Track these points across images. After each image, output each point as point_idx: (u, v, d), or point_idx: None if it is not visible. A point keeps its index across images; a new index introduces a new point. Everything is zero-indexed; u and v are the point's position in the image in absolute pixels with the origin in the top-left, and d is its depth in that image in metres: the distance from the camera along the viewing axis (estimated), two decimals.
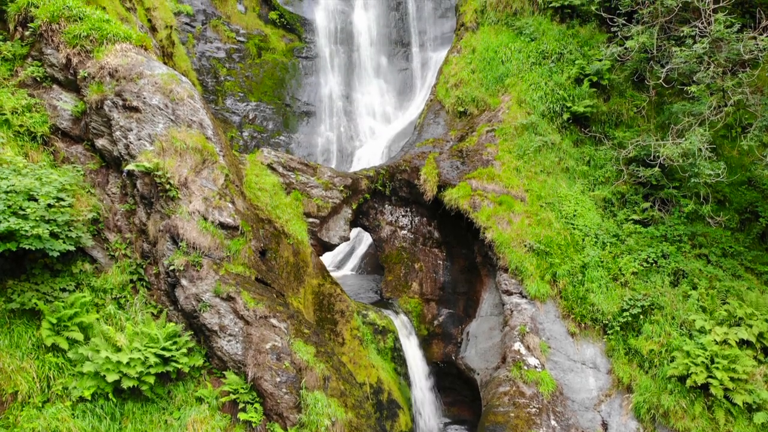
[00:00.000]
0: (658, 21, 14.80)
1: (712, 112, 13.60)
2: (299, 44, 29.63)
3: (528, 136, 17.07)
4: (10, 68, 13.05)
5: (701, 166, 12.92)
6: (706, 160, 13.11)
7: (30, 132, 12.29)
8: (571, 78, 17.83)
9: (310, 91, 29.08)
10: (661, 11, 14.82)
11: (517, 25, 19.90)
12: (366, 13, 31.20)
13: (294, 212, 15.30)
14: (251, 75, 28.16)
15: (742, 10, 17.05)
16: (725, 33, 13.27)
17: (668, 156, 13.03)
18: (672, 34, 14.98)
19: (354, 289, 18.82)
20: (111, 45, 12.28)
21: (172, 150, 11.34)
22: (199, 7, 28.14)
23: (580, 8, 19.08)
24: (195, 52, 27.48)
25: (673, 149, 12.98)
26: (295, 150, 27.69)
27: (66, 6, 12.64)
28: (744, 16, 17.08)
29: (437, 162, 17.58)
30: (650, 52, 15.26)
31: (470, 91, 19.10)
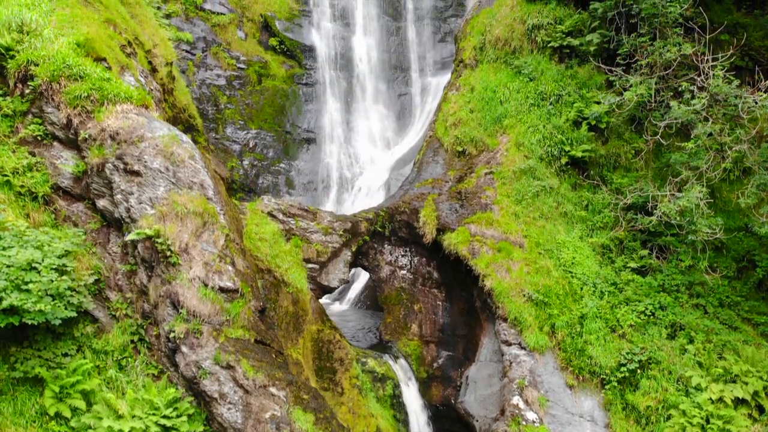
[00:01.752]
0: (656, 73, 14.91)
1: (710, 167, 13.70)
2: (299, 71, 29.76)
3: (526, 181, 17.16)
4: (11, 124, 13.15)
5: (699, 224, 13.02)
6: (703, 216, 13.21)
7: (31, 192, 12.38)
8: (569, 120, 17.93)
9: (311, 118, 29.20)
10: (659, 63, 14.93)
11: (515, 64, 20.00)
12: (366, 38, 31.34)
13: (294, 259, 15.39)
14: (251, 102, 28.27)
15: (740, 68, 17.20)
16: (724, 89, 13.38)
17: (665, 213, 13.12)
18: (670, 84, 15.09)
19: (353, 329, 18.92)
20: (112, 106, 12.39)
21: (173, 215, 11.44)
22: (199, 35, 28.26)
23: (578, 48, 19.16)
24: (195, 79, 27.61)
25: (671, 206, 13.09)
26: (295, 177, 27.81)
27: (66, 64, 12.74)
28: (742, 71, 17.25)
29: (436, 204, 17.67)
30: (649, 103, 15.36)
31: (469, 131, 19.20)
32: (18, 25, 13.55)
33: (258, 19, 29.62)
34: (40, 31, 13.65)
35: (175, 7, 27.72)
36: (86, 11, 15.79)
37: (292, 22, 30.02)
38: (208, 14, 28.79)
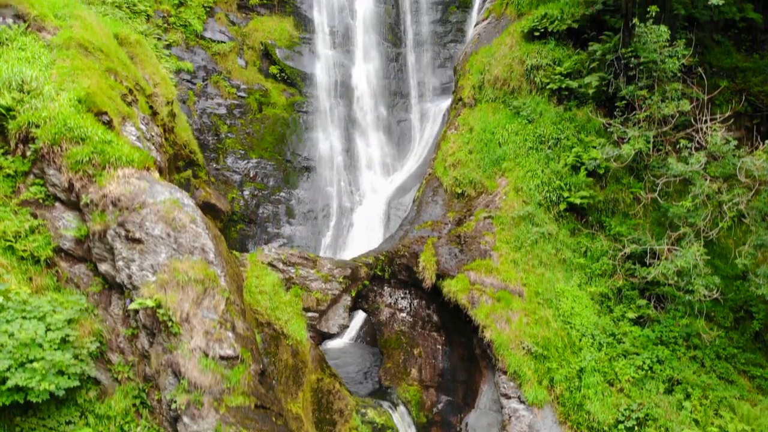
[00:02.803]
0: (654, 127, 15.00)
1: (707, 224, 13.79)
2: (300, 98, 29.85)
3: (525, 227, 17.26)
4: (12, 185, 13.24)
5: (696, 284, 13.11)
6: (701, 275, 13.29)
7: (33, 256, 12.47)
8: (567, 165, 18.04)
9: (311, 146, 29.29)
10: (657, 116, 15.02)
11: (514, 105, 20.12)
12: (366, 65, 31.43)
13: (293, 310, 15.48)
14: (252, 131, 28.37)
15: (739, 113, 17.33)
16: (722, 149, 13.47)
17: (662, 273, 13.21)
18: (669, 138, 15.19)
19: (353, 371, 19.00)
20: (113, 170, 12.48)
21: (174, 283, 11.53)
22: (199, 64, 28.35)
23: (577, 90, 19.28)
24: (196, 109, 27.71)
25: (669, 266, 13.18)
26: (295, 206, 27.89)
27: (67, 127, 12.84)
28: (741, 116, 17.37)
29: (436, 248, 17.76)
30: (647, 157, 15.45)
31: (468, 172, 19.30)
32: (18, 84, 13.64)
33: (258, 47, 29.71)
34: (40, 89, 13.74)
35: (176, 36, 27.80)
36: (86, 61, 15.88)
37: (292, 50, 30.12)
38: (209, 42, 28.87)
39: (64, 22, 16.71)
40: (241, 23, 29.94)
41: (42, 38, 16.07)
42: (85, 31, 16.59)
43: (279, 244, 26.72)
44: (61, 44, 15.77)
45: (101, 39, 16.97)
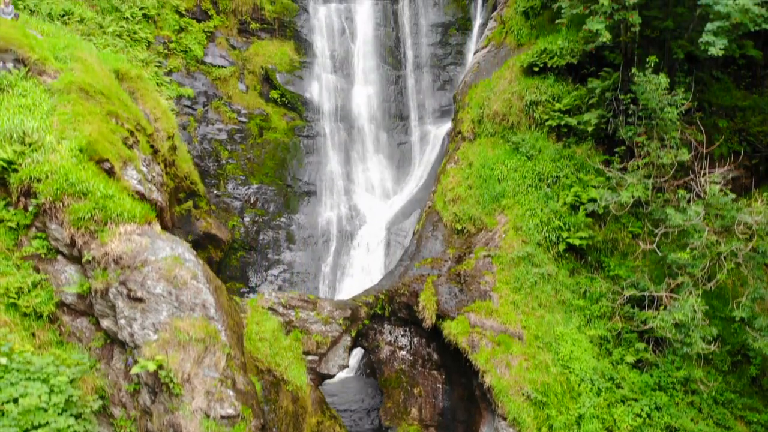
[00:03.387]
0: (653, 175, 15.08)
1: (705, 273, 13.86)
2: (300, 123, 29.93)
3: (525, 267, 17.34)
4: (15, 237, 13.33)
5: (694, 337, 13.19)
6: (698, 327, 13.37)
7: (36, 312, 12.56)
8: (567, 204, 18.12)
9: (311, 171, 29.37)
10: (655, 164, 15.11)
11: (513, 140, 20.20)
12: (366, 89, 31.51)
13: (293, 355, 15.57)
14: (253, 156, 28.46)
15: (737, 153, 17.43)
16: (720, 200, 13.55)
17: (660, 327, 13.29)
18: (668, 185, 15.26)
19: (352, 408, 19.07)
20: (115, 226, 12.57)
21: (175, 342, 11.61)
22: (200, 89, 28.44)
23: (576, 127, 19.34)
24: (197, 135, 27.79)
25: (666, 318, 13.25)
26: (295, 232, 27.97)
27: (69, 182, 12.92)
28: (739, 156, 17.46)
29: (436, 287, 17.84)
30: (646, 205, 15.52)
31: (467, 208, 19.40)
32: (20, 136, 13.73)
33: (259, 71, 29.79)
34: (41, 141, 13.81)
35: (176, 62, 27.88)
36: (88, 106, 15.97)
37: (292, 74, 30.21)
38: (209, 68, 28.95)
39: (65, 64, 16.81)
40: (242, 47, 30.02)
41: (43, 82, 16.17)
42: (86, 74, 16.68)
43: (279, 270, 26.80)
44: (62, 89, 15.86)
45: (102, 81, 17.06)
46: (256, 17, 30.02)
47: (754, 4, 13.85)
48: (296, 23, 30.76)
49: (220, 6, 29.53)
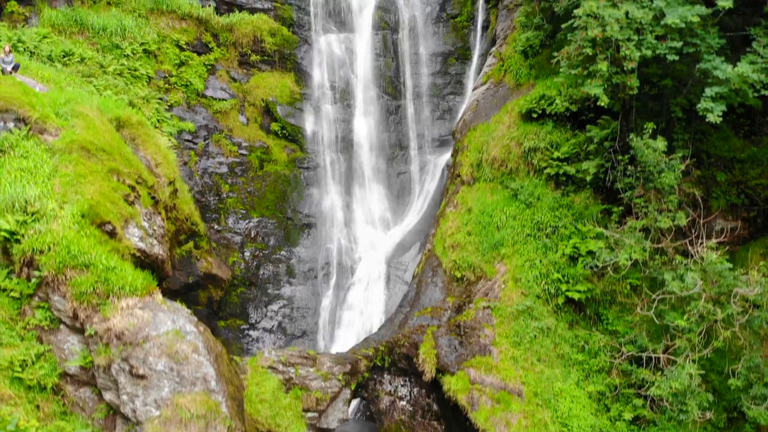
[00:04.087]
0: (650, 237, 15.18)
1: (702, 339, 13.96)
2: (301, 154, 30.04)
3: (524, 321, 17.44)
4: (18, 307, 13.45)
5: (690, 405, 13.28)
6: (695, 395, 13.46)
7: (40, 384, 12.66)
8: (565, 255, 18.22)
9: (311, 203, 29.48)
10: (653, 227, 15.20)
11: (512, 187, 20.30)
12: (366, 119, 31.61)
13: (293, 413, 15.67)
14: (253, 190, 28.56)
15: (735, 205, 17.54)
16: (717, 268, 13.65)
17: (658, 395, 13.39)
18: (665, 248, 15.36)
19: None
20: (117, 300, 12.69)
21: (176, 420, 11.71)
22: (201, 123, 28.54)
23: (575, 176, 19.43)
24: (197, 169, 27.89)
25: (663, 387, 13.34)
26: (295, 265, 28.05)
27: (71, 254, 13.03)
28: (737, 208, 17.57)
29: (435, 338, 17.93)
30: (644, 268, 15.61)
31: (466, 256, 19.51)
32: (22, 205, 13.84)
33: (260, 103, 29.89)
34: (43, 210, 13.92)
35: (177, 96, 27.98)
36: (89, 164, 16.11)
37: (293, 107, 30.31)
38: (210, 101, 29.06)
39: (66, 121, 16.93)
40: (243, 80, 30.13)
41: (44, 141, 16.30)
42: (87, 132, 16.81)
43: (279, 305, 26.90)
44: (63, 148, 16.01)
45: (103, 137, 17.19)
46: (257, 49, 30.11)
47: (753, 71, 13.96)
48: (296, 55, 30.87)
49: (221, 39, 29.64)
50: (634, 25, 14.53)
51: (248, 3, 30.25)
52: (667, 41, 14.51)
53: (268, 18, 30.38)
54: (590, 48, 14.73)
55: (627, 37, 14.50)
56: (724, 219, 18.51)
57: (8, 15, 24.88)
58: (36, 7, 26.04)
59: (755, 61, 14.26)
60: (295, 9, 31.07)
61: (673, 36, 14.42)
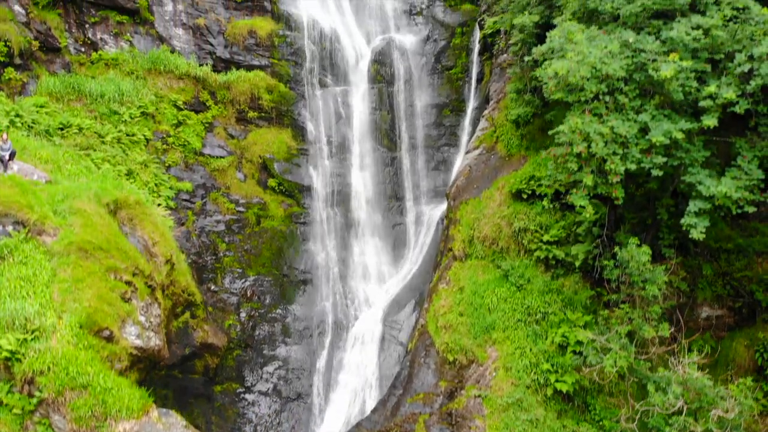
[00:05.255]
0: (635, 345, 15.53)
1: None
2: (298, 209, 30.39)
3: (514, 413, 17.78)
4: (20, 422, 13.76)
5: None
6: None
7: None
8: (555, 344, 18.57)
9: (307, 258, 29.81)
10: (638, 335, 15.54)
11: (503, 267, 20.67)
12: (362, 173, 31.97)
13: None
14: (250, 248, 28.89)
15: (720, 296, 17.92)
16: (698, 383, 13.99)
17: None
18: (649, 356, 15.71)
19: None
20: (115, 423, 13.03)
21: None
22: (198, 182, 28.89)
23: (565, 259, 19.79)
24: (195, 229, 28.23)
25: None
26: (291, 324, 28.34)
27: (70, 376, 13.39)
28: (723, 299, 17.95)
29: (428, 427, 18.29)
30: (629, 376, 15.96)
31: (459, 339, 19.86)
32: (21, 324, 14.17)
33: (257, 159, 30.24)
34: (42, 326, 14.26)
35: (175, 156, 28.33)
36: (87, 265, 16.49)
37: (290, 162, 30.65)
38: (208, 159, 29.43)
39: (64, 220, 17.26)
40: (240, 136, 30.50)
41: (43, 243, 16.65)
42: (84, 230, 17.15)
43: (274, 367, 27.18)
44: (61, 251, 16.38)
45: (101, 234, 17.54)
46: (254, 106, 30.49)
47: (736, 188, 14.31)
48: (293, 111, 31.24)
49: (218, 96, 30.03)
50: (619, 140, 14.89)
51: (245, 60, 30.63)
52: (652, 155, 14.86)
53: (265, 75, 30.77)
54: (575, 163, 15.09)
55: (612, 151, 14.86)
56: (710, 307, 18.88)
57: (6, 82, 25.22)
58: (33, 72, 26.42)
59: (738, 177, 14.62)
60: (291, 65, 31.44)
61: (658, 150, 14.77)
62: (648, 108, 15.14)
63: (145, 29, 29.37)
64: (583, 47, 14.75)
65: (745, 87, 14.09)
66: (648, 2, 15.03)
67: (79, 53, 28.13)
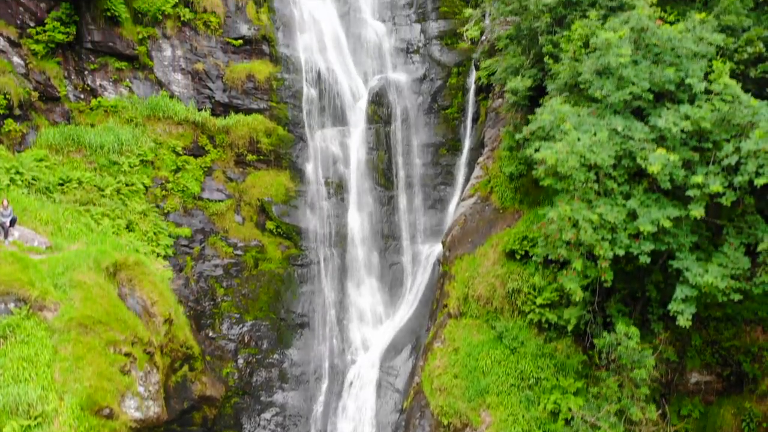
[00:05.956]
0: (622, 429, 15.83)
1: None
2: (295, 251, 30.67)
3: None
4: None
5: None
6: None
7: None
8: (547, 410, 18.87)
9: (305, 301, 30.09)
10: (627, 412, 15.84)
11: (497, 328, 20.98)
12: (359, 213, 32.26)
13: None
14: (247, 292, 29.17)
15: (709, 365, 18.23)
16: None
17: None
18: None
19: None
20: None
21: None
22: (197, 227, 29.18)
23: (557, 322, 20.09)
24: (193, 274, 28.50)
25: None
26: (288, 370, 28.63)
27: None
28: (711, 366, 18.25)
29: None
30: None
31: (453, 401, 20.16)
32: (25, 410, 14.48)
33: (255, 202, 30.50)
34: (45, 411, 14.58)
35: (174, 201, 28.60)
36: (87, 341, 16.84)
37: (288, 204, 30.94)
38: (206, 203, 29.69)
39: (65, 294, 17.58)
40: (239, 179, 30.79)
41: (44, 318, 16.99)
42: (84, 305, 17.50)
43: (272, 414, 27.47)
44: (62, 327, 16.75)
45: (100, 306, 17.89)
46: (253, 149, 30.76)
47: (723, 277, 14.61)
48: (292, 153, 31.53)
49: (217, 140, 30.30)
50: (608, 225, 15.19)
51: (244, 104, 30.91)
52: (640, 240, 15.16)
53: (264, 118, 31.05)
54: (565, 249, 15.40)
55: (601, 236, 15.16)
56: (699, 373, 19.19)
57: (6, 134, 25.48)
58: (33, 122, 26.67)
59: (725, 264, 14.92)
60: (290, 107, 31.72)
61: (647, 237, 15.07)
62: (636, 193, 15.45)
63: (144, 74, 29.65)
64: (571, 137, 15.05)
65: (732, 178, 14.39)
66: (636, 90, 15.34)
67: (78, 100, 28.41)
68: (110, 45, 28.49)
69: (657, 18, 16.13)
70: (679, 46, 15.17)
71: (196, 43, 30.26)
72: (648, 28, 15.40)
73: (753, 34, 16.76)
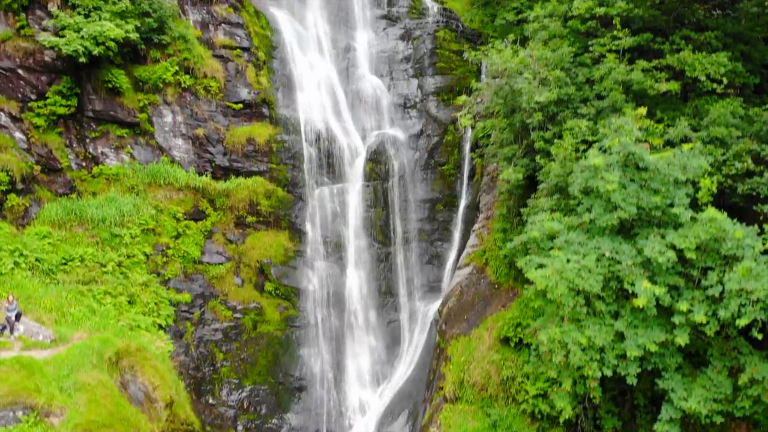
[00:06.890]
0: None
1: None
2: (293, 312, 31.13)
3: None
4: None
5: None
6: None
7: None
8: None
9: (302, 364, 30.53)
10: None
11: (492, 416, 21.44)
12: (357, 271, 32.72)
13: None
14: (246, 356, 29.61)
15: None
16: None
17: None
18: None
19: None
20: None
21: None
22: (197, 291, 29.61)
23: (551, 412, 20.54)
24: (193, 340, 28.94)
25: None
26: None
27: None
28: None
29: None
30: None
31: None
32: None
33: (255, 264, 30.95)
34: None
35: (174, 267, 29.03)
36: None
37: (287, 265, 31.39)
38: (206, 267, 30.13)
39: (70, 398, 18.05)
40: (238, 240, 31.23)
41: (51, 425, 17.47)
42: (89, 408, 17.97)
43: None
44: None
45: (104, 408, 18.36)
46: (253, 211, 31.21)
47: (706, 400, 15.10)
48: (291, 214, 31.97)
49: (217, 204, 30.76)
50: (596, 346, 15.66)
51: (244, 167, 31.36)
52: (628, 361, 15.63)
53: (264, 180, 31.47)
54: (555, 371, 15.88)
55: (590, 357, 15.64)
56: None
57: (9, 209, 25.92)
58: (36, 194, 27.13)
59: (708, 387, 15.40)
60: (290, 168, 32.16)
61: (633, 360, 15.54)
62: (624, 313, 15.91)
63: (145, 140, 30.09)
64: (560, 260, 15.52)
65: (716, 307, 14.86)
66: (624, 215, 15.81)
67: (80, 168, 28.86)
68: (111, 113, 28.95)
69: (644, 140, 16.61)
70: (667, 174, 15.64)
71: (197, 108, 30.70)
72: (636, 153, 15.87)
73: (741, 147, 17.26)
